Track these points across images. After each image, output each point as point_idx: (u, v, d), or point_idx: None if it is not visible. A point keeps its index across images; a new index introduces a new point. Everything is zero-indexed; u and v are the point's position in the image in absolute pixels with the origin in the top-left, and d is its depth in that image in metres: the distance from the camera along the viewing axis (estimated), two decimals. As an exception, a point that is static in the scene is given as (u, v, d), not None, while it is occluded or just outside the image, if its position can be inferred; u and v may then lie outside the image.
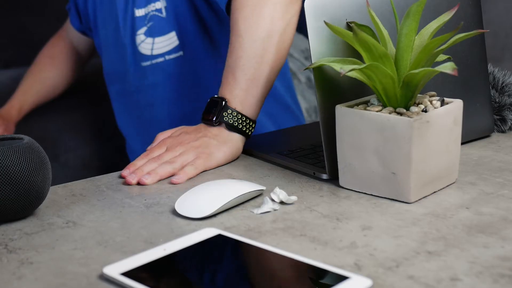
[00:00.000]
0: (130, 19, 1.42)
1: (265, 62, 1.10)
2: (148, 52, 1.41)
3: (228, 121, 1.09)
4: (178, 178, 1.01)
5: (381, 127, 0.88)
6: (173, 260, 0.75)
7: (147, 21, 1.40)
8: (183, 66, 1.40)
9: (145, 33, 1.41)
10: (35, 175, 0.86)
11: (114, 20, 1.45)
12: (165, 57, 1.40)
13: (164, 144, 1.09)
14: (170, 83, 1.41)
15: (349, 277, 0.70)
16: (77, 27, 1.61)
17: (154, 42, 1.40)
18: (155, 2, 1.39)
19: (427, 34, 0.91)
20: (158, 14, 1.39)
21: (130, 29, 1.43)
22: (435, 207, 0.88)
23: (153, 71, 1.42)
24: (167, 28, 1.39)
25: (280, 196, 0.91)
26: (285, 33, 1.12)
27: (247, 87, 1.10)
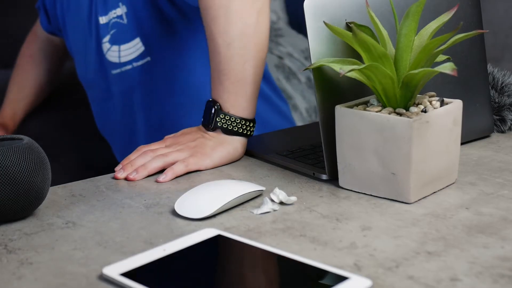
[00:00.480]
0: (95, 26, 1.39)
1: (246, 60, 1.08)
2: (116, 60, 1.38)
3: (223, 125, 1.08)
4: (164, 178, 1.02)
5: (381, 127, 0.88)
6: (172, 261, 0.75)
7: (110, 28, 1.37)
8: (152, 71, 1.37)
9: (109, 41, 1.37)
10: (34, 175, 0.86)
11: (82, 26, 1.43)
12: (133, 64, 1.37)
13: (163, 142, 1.10)
14: (142, 90, 1.39)
15: (348, 278, 0.70)
16: (46, 27, 1.58)
17: (120, 49, 1.36)
18: (116, 9, 1.35)
19: (427, 35, 0.91)
20: (120, 21, 1.35)
21: (96, 37, 1.40)
22: (435, 207, 0.88)
23: (124, 79, 1.39)
24: (130, 35, 1.35)
25: (280, 197, 0.91)
26: (259, 23, 1.08)
27: (234, 90, 1.08)
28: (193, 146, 1.07)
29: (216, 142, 1.08)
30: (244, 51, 1.07)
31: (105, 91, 1.45)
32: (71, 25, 1.46)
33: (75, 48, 1.48)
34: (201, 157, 1.05)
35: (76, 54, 1.49)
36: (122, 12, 1.34)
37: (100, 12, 1.37)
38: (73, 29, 1.46)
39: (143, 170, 1.03)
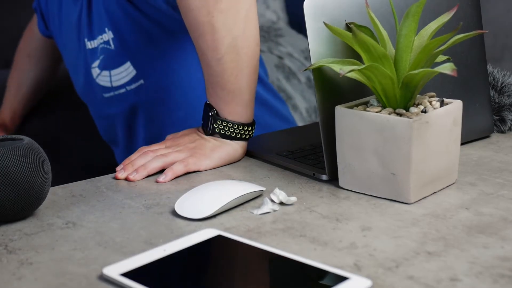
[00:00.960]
0: (83, 51, 1.37)
1: (240, 71, 1.06)
2: (107, 84, 1.36)
3: (220, 131, 1.08)
4: (164, 178, 1.02)
5: (381, 127, 0.88)
6: (173, 261, 0.75)
7: (99, 53, 1.35)
8: (147, 92, 1.35)
9: (98, 66, 1.35)
10: (35, 175, 0.86)
11: (72, 47, 1.41)
12: (126, 88, 1.35)
13: (164, 143, 1.10)
14: (139, 110, 1.38)
15: (348, 278, 0.70)
16: (43, 31, 1.55)
17: (111, 74, 1.35)
18: (102, 34, 1.33)
19: (427, 35, 0.91)
20: (107, 46, 1.33)
21: (84, 62, 1.38)
22: (435, 207, 0.88)
23: (119, 101, 1.38)
24: (120, 60, 1.33)
25: (280, 197, 0.91)
26: (247, 31, 1.06)
27: (230, 99, 1.07)
28: (193, 147, 1.07)
29: (216, 143, 1.08)
30: (235, 63, 1.06)
31: (101, 111, 1.44)
32: (63, 42, 1.44)
33: (68, 63, 1.47)
34: (200, 157, 1.06)
35: (70, 70, 1.48)
36: (108, 37, 1.32)
37: (88, 36, 1.35)
38: (65, 45, 1.44)
39: (143, 170, 1.03)
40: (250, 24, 1.06)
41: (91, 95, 1.43)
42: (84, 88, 1.43)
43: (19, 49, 1.65)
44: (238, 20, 1.04)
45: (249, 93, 1.08)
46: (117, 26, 1.31)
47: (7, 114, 1.57)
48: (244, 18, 1.05)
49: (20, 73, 1.62)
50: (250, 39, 1.06)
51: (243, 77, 1.07)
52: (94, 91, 1.40)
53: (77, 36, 1.39)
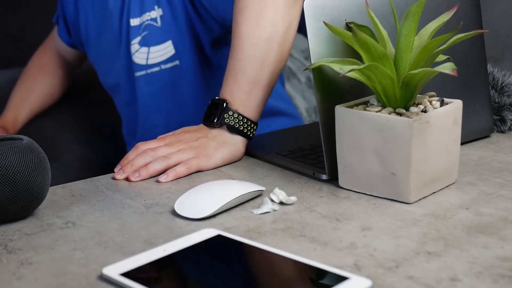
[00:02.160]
0: (126, 28, 1.41)
1: (267, 65, 1.10)
2: (143, 61, 1.40)
3: (229, 122, 1.08)
4: (165, 178, 1.01)
5: (381, 127, 0.88)
6: (172, 261, 0.75)
7: (142, 30, 1.39)
8: (179, 75, 1.39)
9: (139, 42, 1.39)
10: (34, 175, 0.86)
11: (109, 31, 1.44)
12: (161, 66, 1.39)
13: (163, 139, 1.09)
14: (166, 92, 1.41)
15: (348, 278, 0.70)
16: (66, 40, 1.59)
17: (149, 51, 1.39)
18: (150, 12, 1.37)
19: (427, 35, 0.91)
20: (153, 23, 1.38)
21: (125, 39, 1.41)
22: (435, 207, 0.88)
23: (148, 81, 1.41)
24: (163, 37, 1.38)
25: (280, 197, 0.91)
26: (286, 35, 1.12)
27: (249, 89, 1.10)
28: (196, 146, 1.06)
29: (219, 142, 1.08)
30: (267, 55, 1.10)
31: (129, 94, 1.46)
32: (96, 32, 1.47)
33: (99, 55, 1.49)
34: (204, 158, 1.05)
35: (101, 62, 1.50)
36: (157, 15, 1.37)
37: (133, 14, 1.39)
38: (98, 35, 1.47)
39: (145, 172, 1.02)
40: (291, 31, 1.12)
41: (124, 77, 1.45)
42: (119, 70, 1.45)
43: (31, 61, 1.66)
44: (285, 21, 1.10)
45: (265, 92, 1.11)
46: (171, 5, 1.36)
47: (9, 118, 1.57)
48: (290, 22, 1.11)
49: (29, 81, 1.63)
50: (287, 43, 1.12)
51: (267, 72, 1.10)
52: (128, 70, 1.43)
53: (119, 17, 1.41)
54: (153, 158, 1.05)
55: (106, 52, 1.47)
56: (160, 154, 1.05)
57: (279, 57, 1.11)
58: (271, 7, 1.10)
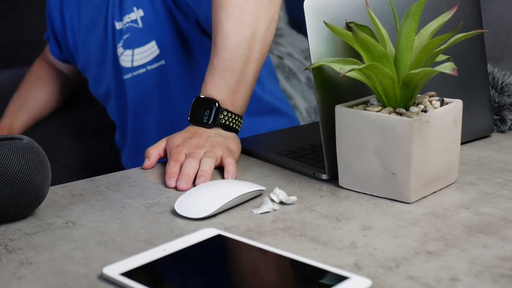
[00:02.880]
0: (111, 33, 1.40)
1: (252, 62, 1.10)
2: (128, 64, 1.39)
3: (225, 122, 1.09)
4: (232, 174, 1.00)
5: (381, 127, 0.88)
6: (172, 260, 0.75)
7: (124, 33, 1.38)
8: (166, 75, 1.38)
9: (123, 45, 1.39)
10: (34, 175, 0.86)
11: (97, 37, 1.44)
12: (147, 67, 1.38)
13: (181, 151, 1.04)
14: (155, 94, 1.40)
15: (349, 277, 0.70)
16: (58, 56, 1.59)
17: (133, 53, 1.38)
18: (130, 14, 1.37)
19: (427, 34, 0.91)
20: (134, 25, 1.37)
21: (112, 43, 1.41)
22: (435, 207, 0.88)
23: (136, 83, 1.40)
24: (145, 38, 1.37)
25: (280, 196, 0.91)
26: (268, 29, 1.11)
27: (236, 88, 1.09)
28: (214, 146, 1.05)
29: (225, 137, 1.08)
30: (251, 51, 1.09)
31: (120, 98, 1.46)
32: (83, 42, 1.47)
33: (91, 63, 1.48)
34: (231, 151, 1.05)
35: (90, 70, 1.49)
36: (136, 16, 1.36)
37: (116, 17, 1.39)
38: (86, 44, 1.47)
39: (207, 175, 1.00)
40: (272, 26, 1.12)
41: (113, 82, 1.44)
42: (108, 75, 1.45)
43: (30, 71, 1.66)
44: (267, 16, 1.10)
45: (251, 88, 1.11)
46: (152, 4, 1.35)
47: (5, 126, 1.56)
48: (271, 17, 1.11)
49: (27, 90, 1.62)
50: (268, 38, 1.11)
51: (252, 69, 1.10)
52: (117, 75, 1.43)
53: (104, 22, 1.41)
54: (197, 160, 1.02)
55: (95, 59, 1.47)
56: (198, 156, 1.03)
57: (262, 53, 1.11)
58: (252, 1, 1.09)
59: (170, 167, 1.01)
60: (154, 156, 1.08)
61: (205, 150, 1.04)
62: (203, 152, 1.04)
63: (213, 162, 1.02)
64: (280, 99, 1.54)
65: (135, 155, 1.25)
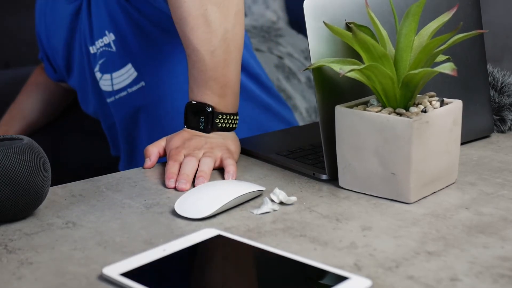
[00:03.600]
0: (86, 57, 1.39)
1: (230, 63, 1.08)
2: (109, 88, 1.37)
3: (222, 125, 1.09)
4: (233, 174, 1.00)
5: (381, 127, 0.88)
6: (172, 261, 0.75)
7: (98, 57, 1.36)
8: (148, 95, 1.36)
9: (100, 70, 1.37)
10: (34, 175, 0.86)
11: (76, 62, 1.42)
12: (127, 90, 1.36)
13: (180, 152, 1.05)
14: (141, 113, 1.38)
15: (348, 278, 0.70)
16: (52, 77, 1.58)
17: (112, 77, 1.35)
18: (103, 37, 1.34)
19: (427, 35, 0.91)
20: (108, 49, 1.34)
21: (88, 68, 1.39)
22: (435, 207, 0.88)
23: (121, 105, 1.38)
24: (121, 62, 1.34)
25: (280, 197, 0.91)
26: (237, 25, 1.08)
27: (223, 92, 1.09)
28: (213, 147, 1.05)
29: (224, 138, 1.08)
30: (226, 55, 1.08)
31: (108, 119, 1.45)
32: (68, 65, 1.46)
33: (77, 86, 1.48)
34: (229, 152, 1.05)
35: (78, 89, 1.49)
36: (109, 40, 1.33)
37: (89, 42, 1.36)
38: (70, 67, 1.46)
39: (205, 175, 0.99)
40: (239, 18, 1.09)
41: (97, 104, 1.44)
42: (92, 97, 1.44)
43: (29, 80, 1.64)
44: (230, 14, 1.07)
45: (237, 84, 1.11)
46: (119, 28, 1.31)
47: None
48: (235, 12, 1.08)
49: (24, 98, 1.60)
50: (239, 33, 1.09)
51: (233, 69, 1.09)
52: (99, 98, 1.41)
53: (79, 46, 1.39)
54: (196, 159, 1.02)
55: (79, 83, 1.46)
56: (198, 156, 1.03)
57: (237, 50, 1.09)
58: (211, 6, 1.06)
59: (169, 167, 1.01)
60: (154, 155, 1.08)
61: (204, 151, 1.04)
62: (202, 153, 1.04)
63: (212, 162, 1.02)
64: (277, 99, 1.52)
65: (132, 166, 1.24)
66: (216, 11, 1.06)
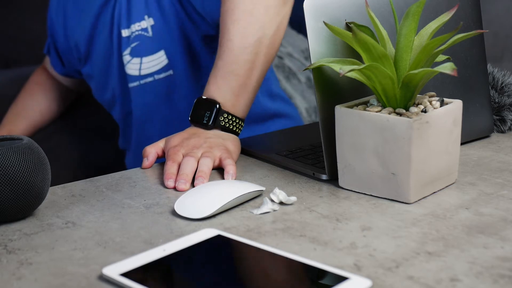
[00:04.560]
0: (117, 40, 1.40)
1: (256, 67, 1.10)
2: (135, 72, 1.39)
3: (224, 125, 1.09)
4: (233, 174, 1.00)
5: (381, 127, 0.88)
6: (172, 261, 0.75)
7: (132, 41, 1.38)
8: (173, 85, 1.38)
9: (130, 53, 1.38)
10: (34, 175, 0.86)
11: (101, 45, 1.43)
12: (154, 76, 1.38)
13: (178, 151, 1.05)
14: (161, 102, 1.39)
15: (348, 278, 0.70)
16: (59, 70, 1.57)
17: (141, 62, 1.37)
18: (140, 22, 1.36)
19: (427, 35, 0.91)
20: (144, 33, 1.36)
21: (117, 51, 1.41)
22: (435, 207, 0.88)
23: (142, 92, 1.39)
24: (155, 47, 1.36)
25: (280, 197, 0.91)
26: (275, 35, 1.11)
27: (238, 92, 1.10)
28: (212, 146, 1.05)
29: (223, 138, 1.08)
30: (256, 57, 1.10)
31: (125, 106, 1.45)
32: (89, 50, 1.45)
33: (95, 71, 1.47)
34: (229, 152, 1.05)
35: (94, 78, 1.48)
36: (147, 24, 1.36)
37: (123, 25, 1.38)
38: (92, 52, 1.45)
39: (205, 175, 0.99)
40: (280, 32, 1.12)
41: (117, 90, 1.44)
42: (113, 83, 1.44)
43: (30, 77, 1.63)
44: (274, 22, 1.10)
45: (254, 93, 1.12)
46: (162, 13, 1.34)
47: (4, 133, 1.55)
48: (278, 24, 1.11)
49: (26, 98, 1.60)
50: (275, 45, 1.12)
51: (256, 74, 1.11)
52: (121, 82, 1.42)
53: (109, 29, 1.40)
54: (195, 159, 1.02)
55: (99, 67, 1.46)
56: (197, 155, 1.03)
57: (266, 59, 1.11)
58: (261, 7, 1.09)
59: (167, 167, 1.01)
60: (152, 155, 1.08)
61: (203, 151, 1.04)
62: (200, 153, 1.04)
63: (211, 162, 1.02)
64: (283, 99, 1.54)
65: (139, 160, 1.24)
66: (262, 13, 1.09)
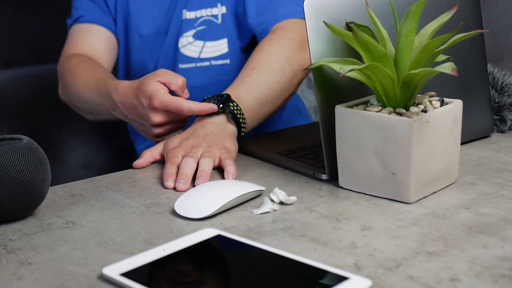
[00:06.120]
0: (177, 20, 1.41)
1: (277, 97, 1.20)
2: (194, 54, 1.40)
3: (233, 110, 1.10)
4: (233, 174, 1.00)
5: (381, 127, 0.88)
6: (172, 261, 0.75)
7: (198, 24, 1.40)
8: (224, 74, 1.40)
9: (194, 35, 1.40)
10: (34, 175, 0.86)
11: (155, 23, 1.42)
12: (211, 61, 1.40)
13: (178, 152, 1.04)
14: (208, 88, 1.40)
15: (348, 278, 0.70)
16: (112, 28, 1.45)
17: (204, 46, 1.40)
18: (212, 8, 1.39)
19: (427, 34, 0.91)
20: (214, 20, 1.39)
21: (175, 31, 1.41)
22: (435, 207, 0.88)
23: (194, 74, 1.40)
24: (220, 34, 1.39)
25: (280, 197, 0.91)
26: (292, 83, 1.23)
27: (252, 104, 1.14)
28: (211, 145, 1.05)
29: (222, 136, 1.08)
30: (284, 88, 1.21)
31: None
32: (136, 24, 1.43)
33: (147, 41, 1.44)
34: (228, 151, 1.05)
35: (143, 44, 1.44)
36: (218, 12, 1.39)
37: (190, 7, 1.40)
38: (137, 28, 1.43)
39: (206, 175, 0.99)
40: (296, 80, 1.24)
41: (168, 67, 1.41)
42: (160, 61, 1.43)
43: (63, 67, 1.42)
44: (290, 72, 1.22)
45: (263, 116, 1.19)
46: (236, 5, 1.38)
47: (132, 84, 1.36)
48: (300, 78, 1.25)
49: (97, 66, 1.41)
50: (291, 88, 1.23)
51: (276, 103, 1.21)
52: (170, 62, 1.42)
53: (168, 8, 1.42)
54: (194, 159, 1.02)
55: (147, 42, 1.43)
56: (196, 155, 1.03)
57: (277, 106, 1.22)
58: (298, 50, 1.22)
59: (166, 169, 1.01)
60: (147, 158, 1.09)
61: (203, 150, 1.04)
62: (200, 152, 1.04)
63: (212, 162, 1.02)
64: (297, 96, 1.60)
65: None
66: (296, 55, 1.22)
